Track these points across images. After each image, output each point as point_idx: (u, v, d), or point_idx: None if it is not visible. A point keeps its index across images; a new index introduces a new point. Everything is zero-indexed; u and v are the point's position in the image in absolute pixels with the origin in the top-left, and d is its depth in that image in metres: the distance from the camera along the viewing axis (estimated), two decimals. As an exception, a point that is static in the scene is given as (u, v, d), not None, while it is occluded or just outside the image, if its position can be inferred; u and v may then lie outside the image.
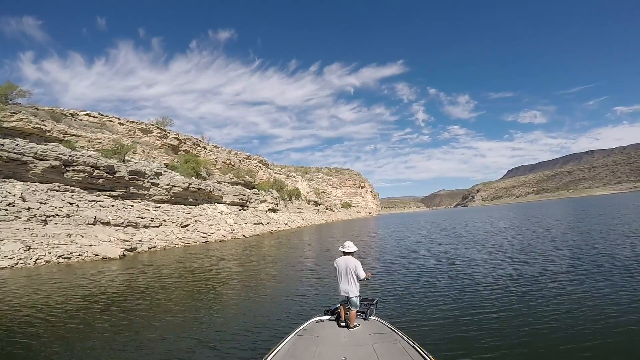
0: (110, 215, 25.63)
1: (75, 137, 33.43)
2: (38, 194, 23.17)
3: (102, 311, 8.93)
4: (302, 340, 4.58)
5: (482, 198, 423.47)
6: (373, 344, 4.35)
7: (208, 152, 57.55)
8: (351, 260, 5.35)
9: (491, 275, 11.01)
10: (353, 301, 5.17)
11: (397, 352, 4.11)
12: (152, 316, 8.40)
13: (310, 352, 4.20)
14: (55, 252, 17.86)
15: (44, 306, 9.45)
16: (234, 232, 35.98)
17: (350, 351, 4.18)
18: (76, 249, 18.70)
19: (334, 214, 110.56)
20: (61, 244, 18.91)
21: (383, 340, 4.50)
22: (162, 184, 35.14)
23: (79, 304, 9.73)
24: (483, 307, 7.74)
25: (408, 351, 4.08)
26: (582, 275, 9.97)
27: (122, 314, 8.67)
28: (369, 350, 4.19)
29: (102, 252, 19.14)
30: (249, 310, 8.59)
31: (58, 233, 20.07)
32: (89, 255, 18.71)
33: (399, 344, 4.30)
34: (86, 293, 11.17)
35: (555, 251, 14.64)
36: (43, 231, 19.64)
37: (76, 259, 18.09)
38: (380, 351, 4.13)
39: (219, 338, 6.66)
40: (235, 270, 16.12)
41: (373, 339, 4.53)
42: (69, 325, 7.78)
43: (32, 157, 25.09)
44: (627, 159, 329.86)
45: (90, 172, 28.15)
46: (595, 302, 7.54)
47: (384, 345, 4.33)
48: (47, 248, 18.03)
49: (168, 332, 7.21)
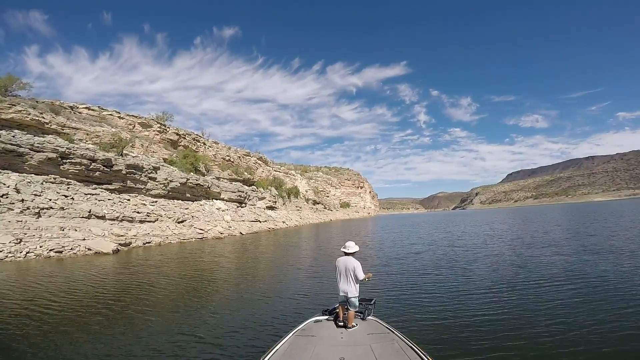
0: (106, 209, 25.35)
1: (73, 130, 33.09)
2: (33, 186, 22.89)
3: (86, 309, 8.66)
4: (300, 340, 4.57)
5: (481, 201, 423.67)
6: (371, 344, 4.35)
7: (207, 148, 57.20)
8: (351, 260, 5.33)
9: (489, 277, 11.05)
10: (352, 302, 5.17)
11: (394, 352, 4.11)
12: (146, 313, 8.20)
13: (308, 352, 4.19)
14: (47, 245, 17.58)
15: (24, 302, 9.20)
16: (231, 229, 35.73)
17: (348, 351, 4.18)
18: (69, 243, 18.42)
19: (333, 213, 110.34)
20: (54, 238, 18.62)
21: (381, 340, 4.50)
22: (160, 178, 34.86)
23: (61, 300, 9.47)
24: (480, 308, 7.77)
25: (406, 351, 4.08)
26: (580, 280, 9.97)
27: (110, 311, 8.39)
28: (366, 350, 4.19)
29: (94, 247, 18.86)
30: (246, 309, 8.48)
31: (51, 226, 19.79)
32: (82, 249, 18.43)
33: (397, 344, 4.30)
34: (71, 289, 10.90)
35: (554, 255, 14.62)
36: (36, 224, 19.36)
37: (68, 253, 17.81)
38: (378, 351, 4.13)
39: (215, 337, 6.53)
40: (231, 268, 15.92)
41: (371, 339, 4.53)
42: (49, 322, 7.53)
43: (28, 148, 24.79)
44: (627, 165, 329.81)
45: (87, 164, 27.87)
46: (592, 307, 7.52)
47: (381, 345, 4.33)
48: (39, 241, 17.75)
49: (163, 329, 7.08)
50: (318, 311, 5.80)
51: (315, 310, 6.29)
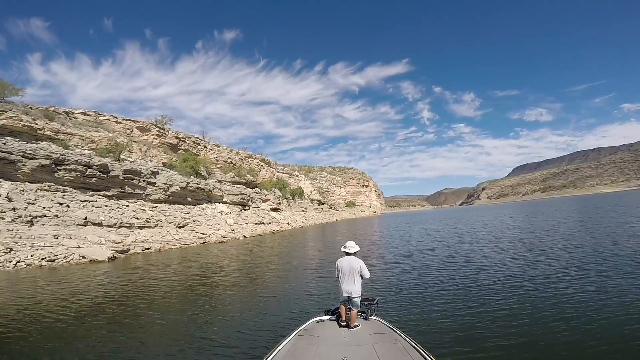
0: (103, 215, 24.52)
1: (68, 135, 32.43)
2: (26, 194, 22.10)
3: (69, 317, 7.73)
4: (302, 340, 4.52)
5: (488, 196, 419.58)
6: (373, 344, 4.30)
7: (209, 150, 56.48)
8: (355, 260, 5.25)
9: (494, 275, 10.78)
10: (355, 301, 5.10)
11: (397, 352, 4.06)
12: (148, 316, 8.18)
13: (310, 352, 4.14)
14: (39, 254, 16.70)
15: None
16: (234, 233, 34.80)
17: (351, 351, 4.13)
18: (62, 251, 17.54)
19: (338, 213, 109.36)
20: (46, 246, 17.77)
21: (383, 340, 4.45)
22: (159, 183, 34.04)
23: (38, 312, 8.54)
24: (485, 308, 7.59)
25: (409, 351, 4.02)
26: (589, 277, 9.51)
27: (95, 319, 7.50)
28: (369, 350, 4.14)
29: (89, 255, 17.96)
30: (248, 310, 8.44)
31: (44, 234, 18.94)
32: (75, 257, 17.53)
33: (400, 344, 4.24)
34: (55, 298, 9.99)
35: (561, 251, 14.10)
36: (28, 232, 18.53)
37: (61, 261, 16.90)
38: (380, 351, 4.08)
39: (218, 338, 6.53)
40: (233, 271, 15.34)
41: (373, 339, 4.48)
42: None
43: (20, 155, 24.05)
44: (634, 156, 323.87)
45: (83, 171, 27.08)
46: (602, 305, 7.21)
47: (384, 345, 4.28)
48: (30, 250, 16.89)
49: (166, 331, 7.11)
50: (320, 311, 5.73)
51: (319, 310, 6.20)
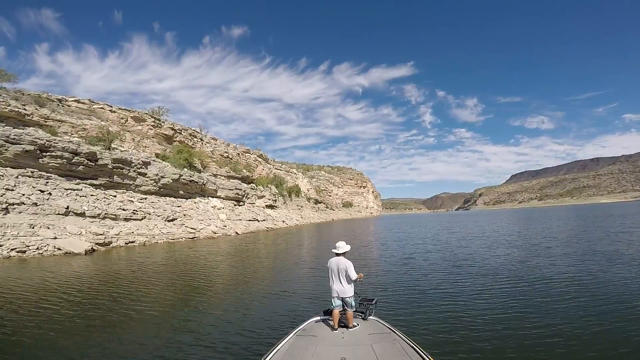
0: (87, 205, 23.40)
1: (58, 122, 31.23)
2: (5, 179, 20.97)
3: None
4: (301, 340, 4.50)
5: (485, 202, 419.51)
6: (372, 344, 4.29)
7: (205, 144, 55.26)
8: (342, 261, 5.18)
9: (492, 277, 10.83)
10: (348, 301, 5.04)
11: (396, 352, 4.06)
12: (135, 313, 7.85)
13: (309, 352, 4.13)
14: (9, 244, 15.61)
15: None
16: (226, 229, 33.72)
17: (349, 351, 4.12)
18: (35, 242, 16.44)
19: (335, 212, 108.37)
20: (19, 236, 16.67)
21: (382, 340, 4.45)
22: (150, 174, 32.92)
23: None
24: (483, 308, 7.61)
25: (407, 351, 4.03)
26: (587, 281, 9.72)
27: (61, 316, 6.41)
28: (367, 350, 4.14)
29: (65, 247, 16.86)
30: (247, 310, 8.19)
31: (19, 223, 17.82)
32: (49, 249, 16.44)
33: (398, 344, 4.25)
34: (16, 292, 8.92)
35: (559, 256, 14.21)
36: (1, 221, 17.41)
37: (33, 253, 15.82)
38: (379, 351, 4.07)
39: (215, 338, 6.27)
40: (225, 268, 14.45)
41: (372, 339, 4.47)
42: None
43: (3, 140, 22.96)
44: (632, 167, 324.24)
45: (70, 158, 25.97)
46: (597, 308, 7.26)
47: (382, 345, 4.28)
48: (1, 240, 15.79)
49: (158, 329, 6.85)
50: (319, 312, 5.64)
51: (311, 311, 6.21)
